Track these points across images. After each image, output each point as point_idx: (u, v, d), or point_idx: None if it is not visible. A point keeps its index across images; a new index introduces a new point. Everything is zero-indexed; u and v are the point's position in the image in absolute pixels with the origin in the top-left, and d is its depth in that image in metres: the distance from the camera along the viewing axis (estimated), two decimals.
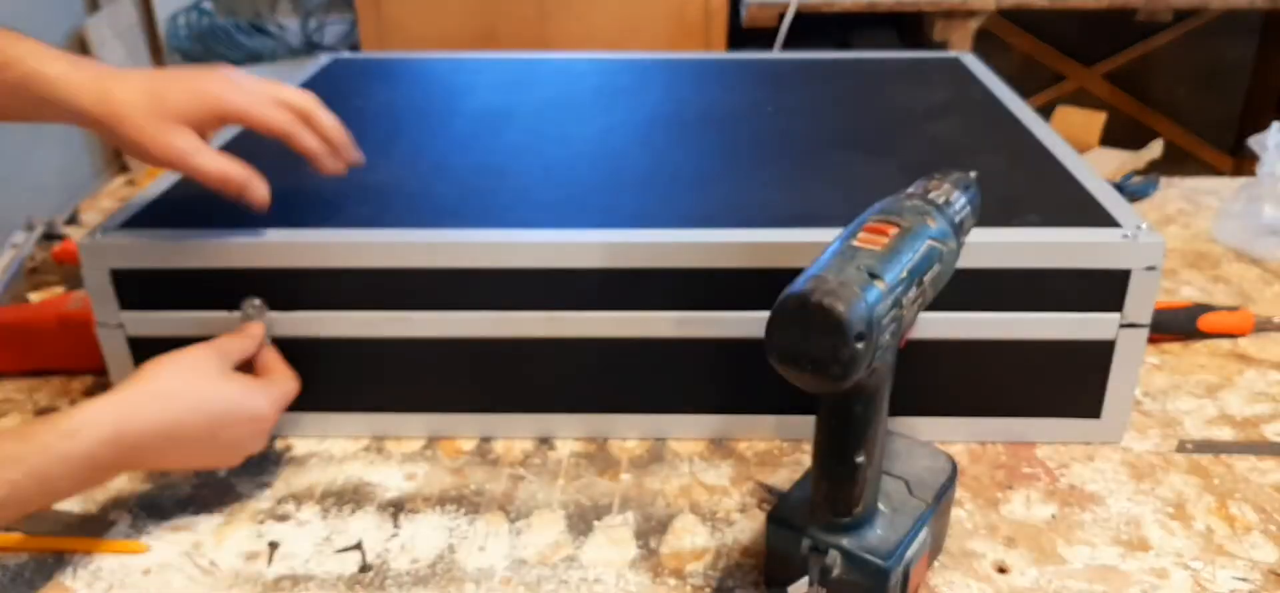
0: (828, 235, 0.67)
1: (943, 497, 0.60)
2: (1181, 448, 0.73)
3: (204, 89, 0.65)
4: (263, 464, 0.73)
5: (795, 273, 0.49)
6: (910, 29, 2.66)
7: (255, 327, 0.69)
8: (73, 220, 1.09)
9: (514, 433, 0.75)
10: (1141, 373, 0.80)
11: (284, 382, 0.68)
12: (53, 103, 0.63)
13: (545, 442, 0.75)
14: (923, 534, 0.57)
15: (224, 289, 0.70)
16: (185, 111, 0.64)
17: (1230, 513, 0.67)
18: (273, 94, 0.68)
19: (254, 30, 2.77)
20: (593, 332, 0.70)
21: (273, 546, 0.65)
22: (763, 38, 2.22)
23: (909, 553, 0.55)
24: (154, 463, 0.66)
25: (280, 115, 0.67)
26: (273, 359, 0.70)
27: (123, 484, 0.71)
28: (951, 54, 1.10)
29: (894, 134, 0.87)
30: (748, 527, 0.66)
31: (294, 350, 0.71)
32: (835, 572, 0.54)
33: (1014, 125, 0.88)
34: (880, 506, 0.57)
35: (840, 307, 0.46)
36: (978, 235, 0.67)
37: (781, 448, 0.74)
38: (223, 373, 0.64)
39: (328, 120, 0.71)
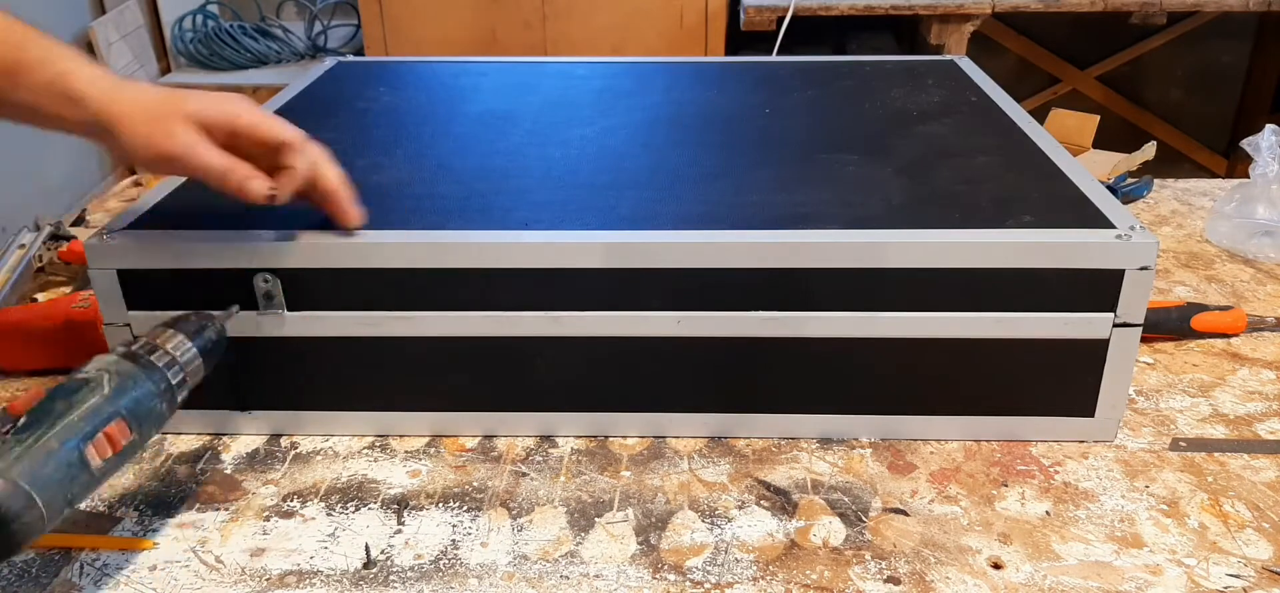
0: (825, 236, 0.68)
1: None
2: (1175, 446, 0.74)
3: (221, 99, 0.64)
4: (268, 462, 0.74)
5: (793, 273, 0.50)
6: (906, 33, 2.68)
7: None
8: (80, 221, 1.10)
9: (516, 431, 0.76)
10: (1135, 372, 0.81)
11: None
12: (74, 104, 0.60)
13: (547, 439, 0.76)
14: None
15: (230, 290, 0.70)
16: (199, 114, 0.64)
17: (1224, 510, 0.68)
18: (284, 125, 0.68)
19: (259, 34, 2.78)
20: (593, 331, 0.71)
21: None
22: (761, 41, 2.23)
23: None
24: None
25: (291, 132, 0.67)
26: None
27: (129, 482, 0.72)
28: (947, 57, 1.11)
29: (890, 136, 0.88)
30: (746, 522, 0.67)
31: (299, 350, 0.72)
32: None
33: (1009, 127, 0.89)
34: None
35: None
36: (974, 236, 0.68)
37: (779, 445, 0.75)
38: None
39: (331, 175, 0.70)
